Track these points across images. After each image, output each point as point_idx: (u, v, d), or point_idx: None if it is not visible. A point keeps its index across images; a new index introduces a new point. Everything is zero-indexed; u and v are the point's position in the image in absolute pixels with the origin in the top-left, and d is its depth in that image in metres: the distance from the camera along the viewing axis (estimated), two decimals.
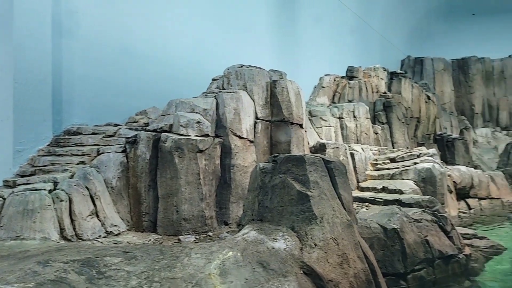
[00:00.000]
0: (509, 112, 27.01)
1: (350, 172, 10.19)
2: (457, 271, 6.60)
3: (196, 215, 5.75)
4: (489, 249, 8.43)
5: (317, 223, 4.06)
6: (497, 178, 16.32)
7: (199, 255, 3.56)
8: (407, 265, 5.80)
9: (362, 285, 3.90)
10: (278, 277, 3.39)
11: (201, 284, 3.05)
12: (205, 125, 6.20)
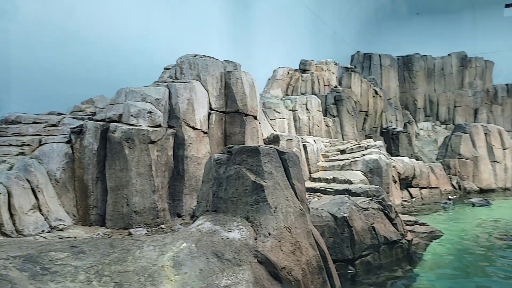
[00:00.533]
0: (447, 107, 29.01)
1: (303, 163, 10.44)
2: (400, 255, 7.02)
3: (148, 208, 5.60)
4: (429, 235, 9.05)
5: (271, 212, 4.11)
6: (436, 169, 17.53)
7: (151, 247, 3.47)
8: (355, 251, 6.07)
9: (313, 271, 4.02)
10: (232, 267, 3.39)
11: (154, 276, 2.97)
12: (157, 115, 6.02)
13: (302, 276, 3.84)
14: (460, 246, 7.87)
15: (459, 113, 28.93)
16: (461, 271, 6.17)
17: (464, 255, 7.15)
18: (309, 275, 3.95)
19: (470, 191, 18.46)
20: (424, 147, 27.02)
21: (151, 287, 2.85)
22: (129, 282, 2.82)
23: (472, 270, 6.26)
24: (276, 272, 3.67)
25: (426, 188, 16.57)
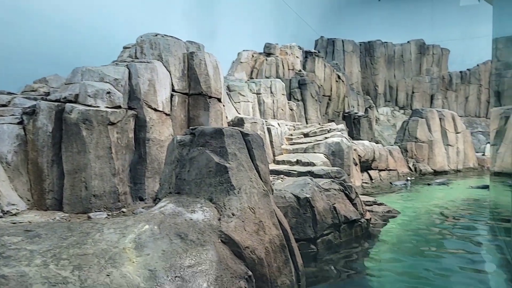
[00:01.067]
0: (406, 93, 30.14)
1: (267, 146, 10.51)
2: (359, 234, 7.31)
3: (108, 191, 5.43)
4: (386, 214, 9.47)
5: (235, 193, 4.11)
6: (394, 152, 18.27)
7: (112, 230, 3.38)
8: (317, 230, 6.24)
9: (276, 250, 4.10)
10: (196, 247, 3.38)
11: (115, 258, 2.90)
12: (116, 96, 5.79)
13: (265, 255, 3.91)
14: (415, 225, 8.30)
15: (417, 98, 30.18)
16: (415, 248, 6.52)
17: (418, 233, 7.56)
18: (272, 253, 4.03)
19: (425, 173, 19.45)
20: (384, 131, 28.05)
21: (112, 269, 2.78)
22: (88, 265, 2.74)
23: (425, 247, 6.63)
24: (240, 251, 3.70)
25: (384, 170, 17.26)
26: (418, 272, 5.29)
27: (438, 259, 5.86)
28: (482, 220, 8.56)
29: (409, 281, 4.97)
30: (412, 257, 5.99)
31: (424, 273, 5.23)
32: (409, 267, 5.49)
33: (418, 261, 5.80)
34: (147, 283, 2.83)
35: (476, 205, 10.62)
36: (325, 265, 5.67)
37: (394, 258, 5.96)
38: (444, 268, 5.43)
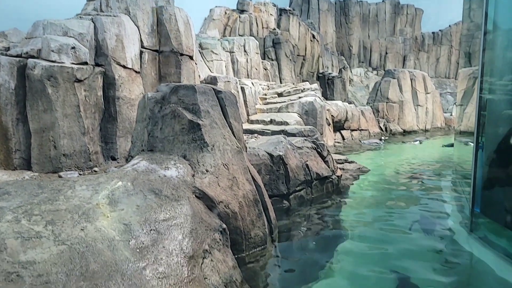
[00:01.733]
0: (380, 53, 30.32)
1: (241, 105, 10.47)
2: (330, 190, 7.58)
3: (78, 150, 5.32)
4: (356, 171, 9.82)
5: (208, 150, 4.13)
6: (367, 112, 18.63)
7: (84, 187, 3.35)
8: (290, 186, 6.43)
9: (250, 204, 4.21)
10: (170, 202, 3.42)
11: (88, 214, 2.91)
12: (82, 52, 5.53)
13: (239, 209, 4.01)
14: (383, 181, 8.68)
15: (390, 59, 30.47)
16: (382, 202, 6.85)
17: (386, 188, 7.92)
18: (246, 207, 4.14)
19: (395, 132, 20.07)
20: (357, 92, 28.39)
21: (86, 223, 2.79)
22: (62, 220, 2.73)
23: (391, 201, 6.98)
24: (214, 205, 3.78)
25: (356, 130, 17.67)
26: (384, 223, 5.60)
27: (403, 212, 6.20)
28: (447, 176, 9.03)
29: (375, 232, 5.25)
30: (378, 210, 6.31)
31: (390, 225, 5.55)
32: (376, 220, 5.79)
33: (384, 213, 6.12)
34: (123, 236, 2.87)
35: (444, 162, 11.14)
36: (297, 219, 5.90)
37: (362, 212, 6.26)
38: (408, 220, 5.77)
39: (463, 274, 3.99)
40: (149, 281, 2.66)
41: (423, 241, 4.82)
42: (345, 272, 3.96)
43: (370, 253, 4.41)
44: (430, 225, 5.52)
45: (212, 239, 3.47)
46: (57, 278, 2.30)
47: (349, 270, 3.99)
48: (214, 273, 3.25)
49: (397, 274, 3.86)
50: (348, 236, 5.06)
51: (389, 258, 4.27)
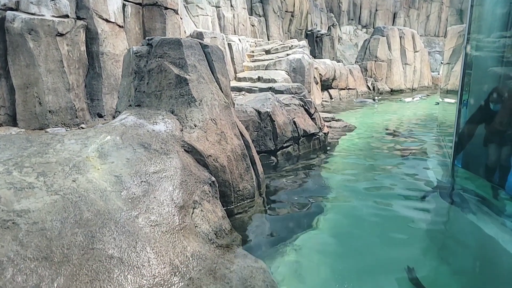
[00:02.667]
0: (369, 10, 29.71)
1: (228, 63, 10.32)
2: (317, 146, 7.73)
3: (64, 107, 5.27)
4: (343, 129, 9.98)
5: (196, 105, 4.15)
6: (355, 71, 18.58)
7: (73, 141, 3.38)
8: (277, 143, 6.54)
9: (238, 158, 4.30)
10: (160, 156, 3.48)
11: (79, 166, 2.95)
12: (62, 4, 5.32)
13: (227, 163, 4.11)
14: (369, 138, 8.86)
15: (380, 17, 29.93)
16: (366, 158, 7.05)
17: (371, 145, 8.11)
18: (234, 161, 4.23)
19: (383, 91, 20.17)
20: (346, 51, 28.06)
21: (78, 175, 2.85)
22: (53, 172, 2.78)
23: (377, 156, 7.18)
24: (203, 159, 3.86)
25: (344, 89, 17.70)
26: (368, 178, 5.80)
27: (387, 167, 6.41)
28: (432, 133, 9.25)
29: (360, 187, 5.44)
30: (363, 166, 6.51)
31: (374, 180, 5.75)
32: (361, 175, 5.99)
33: (369, 169, 6.32)
34: (114, 187, 2.94)
35: (431, 120, 11.32)
36: (284, 174, 6.06)
37: (348, 168, 6.45)
38: (391, 175, 5.98)
39: (443, 225, 4.22)
40: (141, 228, 2.77)
41: (406, 193, 5.04)
42: (330, 225, 4.14)
43: (354, 208, 4.59)
44: (412, 178, 5.74)
45: (202, 191, 3.57)
46: (52, 225, 2.38)
47: (334, 224, 4.17)
48: (204, 222, 3.39)
49: (381, 228, 4.05)
50: (334, 191, 5.24)
51: (374, 211, 4.47)
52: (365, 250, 3.49)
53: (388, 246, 3.54)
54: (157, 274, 2.55)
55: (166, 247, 2.77)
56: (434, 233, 3.91)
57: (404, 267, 3.08)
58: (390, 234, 3.83)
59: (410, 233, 3.86)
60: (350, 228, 4.02)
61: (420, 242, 3.68)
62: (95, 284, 2.27)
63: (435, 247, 3.58)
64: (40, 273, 2.14)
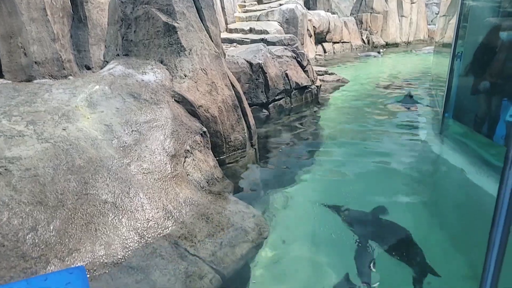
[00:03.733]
0: None
1: (219, 13, 9.98)
2: (309, 99, 7.71)
3: (50, 58, 5.10)
4: (336, 82, 9.91)
5: (185, 55, 4.06)
6: (349, 23, 18.10)
7: (61, 90, 3.33)
8: (269, 95, 6.51)
9: (229, 109, 4.30)
10: (150, 106, 3.46)
11: (68, 115, 2.94)
12: None
13: (219, 113, 4.11)
14: (362, 92, 8.83)
15: None
16: (359, 111, 7.07)
17: (364, 99, 8.11)
18: (225, 112, 4.23)
19: (377, 45, 19.80)
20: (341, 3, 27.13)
21: (67, 124, 2.84)
22: (42, 120, 2.77)
23: (368, 109, 7.20)
24: (194, 109, 3.85)
25: (338, 42, 17.34)
26: (360, 131, 5.86)
27: (379, 119, 6.45)
28: (426, 86, 9.21)
29: (352, 140, 5.50)
30: (355, 119, 6.55)
31: (365, 132, 5.81)
32: (353, 128, 6.04)
33: (360, 122, 6.36)
34: (105, 135, 2.95)
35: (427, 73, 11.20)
36: (276, 127, 6.09)
37: (340, 120, 6.48)
38: (383, 127, 6.04)
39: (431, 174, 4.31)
40: (134, 175, 2.82)
41: (395, 145, 5.12)
42: (321, 177, 4.21)
43: (345, 160, 4.65)
44: (402, 129, 5.81)
45: (193, 140, 3.60)
46: (44, 172, 2.41)
47: (325, 175, 4.23)
48: (196, 170, 3.45)
49: (370, 179, 4.10)
50: (326, 144, 5.31)
51: (364, 163, 4.54)
52: (353, 201, 3.58)
53: (377, 196, 3.62)
54: (151, 218, 2.63)
55: (158, 193, 2.84)
56: (422, 183, 4.01)
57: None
58: (379, 184, 3.90)
59: (399, 183, 3.94)
60: (340, 180, 4.08)
61: (407, 191, 3.79)
62: (90, 227, 2.34)
63: (422, 197, 3.70)
64: (36, 217, 2.20)
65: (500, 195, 0.88)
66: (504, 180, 0.87)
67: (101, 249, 2.28)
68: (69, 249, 2.17)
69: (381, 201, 3.47)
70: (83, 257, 2.18)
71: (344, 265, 2.57)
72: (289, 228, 3.12)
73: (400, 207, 3.39)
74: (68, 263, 2.10)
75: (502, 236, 0.88)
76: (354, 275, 2.41)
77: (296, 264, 2.62)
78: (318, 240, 2.97)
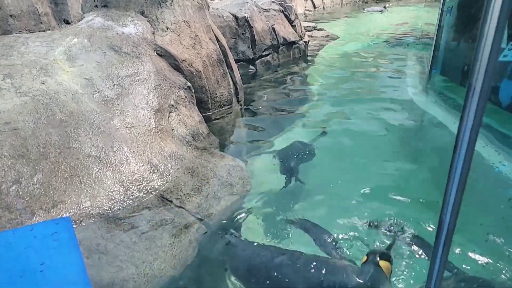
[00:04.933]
0: None
1: None
2: (297, 55, 7.59)
3: (26, 11, 4.88)
4: (325, 38, 9.72)
5: (167, 6, 3.91)
6: None
7: (38, 43, 3.20)
8: (256, 51, 6.38)
9: (214, 64, 4.22)
10: (132, 59, 3.37)
11: (47, 69, 2.85)
12: None
13: (203, 68, 4.03)
14: (351, 48, 8.71)
15: None
16: (346, 68, 7.00)
17: (352, 55, 8.01)
18: (210, 67, 4.16)
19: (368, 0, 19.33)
20: None
21: (46, 77, 2.76)
22: (19, 74, 2.69)
23: (355, 67, 7.14)
24: (177, 64, 3.77)
25: None
26: (347, 88, 5.83)
27: (366, 76, 6.42)
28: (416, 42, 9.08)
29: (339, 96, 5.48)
30: (343, 76, 6.50)
31: (353, 89, 5.80)
32: (340, 85, 5.99)
33: (348, 79, 6.32)
34: (86, 89, 2.89)
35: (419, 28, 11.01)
36: (263, 83, 6.03)
37: (327, 77, 6.42)
38: (371, 84, 6.02)
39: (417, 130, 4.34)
40: (117, 129, 2.80)
41: (382, 100, 5.12)
42: (307, 133, 4.18)
43: (331, 117, 4.64)
44: (390, 85, 5.81)
45: (178, 95, 3.56)
46: (25, 126, 2.38)
47: (310, 132, 4.20)
48: (181, 125, 3.44)
49: (357, 134, 4.10)
50: (313, 101, 5.28)
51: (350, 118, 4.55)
52: (337, 157, 3.60)
53: (363, 152, 3.64)
54: (136, 171, 2.65)
55: (143, 147, 2.84)
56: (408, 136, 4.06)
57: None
58: (365, 141, 3.88)
59: (385, 139, 3.96)
60: (326, 136, 4.09)
61: (393, 144, 3.84)
62: (74, 180, 2.35)
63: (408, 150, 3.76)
64: (19, 170, 2.19)
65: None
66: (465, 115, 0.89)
67: (86, 200, 2.31)
68: (54, 201, 2.19)
69: (366, 157, 3.51)
70: (69, 209, 2.21)
71: (325, 217, 2.65)
72: (272, 182, 3.17)
73: (386, 161, 3.44)
74: (53, 214, 2.12)
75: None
76: (333, 226, 2.50)
77: (278, 216, 2.69)
78: (301, 192, 3.03)
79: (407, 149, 3.76)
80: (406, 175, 3.21)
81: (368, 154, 3.59)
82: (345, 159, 3.52)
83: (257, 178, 3.19)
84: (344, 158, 3.56)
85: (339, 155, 3.63)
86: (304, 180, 3.12)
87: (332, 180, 3.11)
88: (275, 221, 2.63)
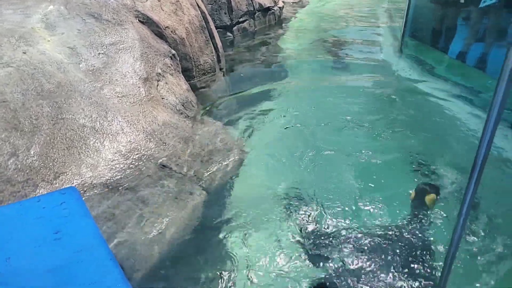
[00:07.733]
0: None
1: None
2: (273, 22, 7.50)
3: None
4: (297, 3, 9.63)
5: None
6: None
7: (11, 11, 3.00)
8: (233, 17, 6.24)
9: (196, 31, 4.11)
10: (114, 27, 3.23)
11: (26, 38, 2.69)
12: None
13: (186, 35, 3.93)
14: (322, 13, 8.68)
15: None
16: (320, 33, 6.98)
17: (324, 20, 7.99)
18: (193, 34, 4.05)
19: None
20: None
21: (27, 47, 2.61)
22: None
23: (328, 32, 7.14)
24: (160, 31, 3.65)
25: None
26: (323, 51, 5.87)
27: (340, 42, 6.45)
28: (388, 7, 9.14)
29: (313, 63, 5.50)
30: (318, 39, 6.50)
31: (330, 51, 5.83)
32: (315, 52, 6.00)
33: (324, 42, 6.34)
34: (71, 59, 2.77)
35: None
36: (241, 50, 5.95)
37: (303, 42, 6.41)
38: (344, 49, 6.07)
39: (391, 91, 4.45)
40: (109, 99, 2.72)
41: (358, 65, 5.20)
42: (287, 98, 4.16)
43: (309, 81, 4.68)
44: (365, 49, 5.89)
45: (163, 63, 3.47)
46: (13, 97, 2.27)
47: (290, 96, 4.21)
48: (171, 94, 3.38)
49: (333, 96, 4.16)
50: (291, 66, 5.27)
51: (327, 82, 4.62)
52: (315, 117, 3.63)
53: (339, 113, 3.69)
54: (133, 140, 2.61)
55: (137, 117, 2.79)
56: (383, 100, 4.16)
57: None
58: (340, 104, 3.93)
59: (361, 100, 4.03)
60: (304, 98, 4.11)
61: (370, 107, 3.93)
62: (73, 151, 2.30)
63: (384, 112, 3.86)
64: (13, 142, 2.11)
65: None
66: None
67: (87, 171, 2.27)
68: (55, 172, 2.14)
69: (342, 118, 3.56)
70: (71, 179, 2.17)
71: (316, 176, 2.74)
72: (267, 145, 3.21)
73: (360, 124, 3.51)
74: (57, 185, 2.08)
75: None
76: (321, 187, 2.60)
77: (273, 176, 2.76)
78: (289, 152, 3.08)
79: (382, 113, 3.84)
80: (380, 141, 3.29)
81: (343, 116, 3.60)
82: (319, 119, 3.54)
83: (249, 142, 3.22)
84: (319, 118, 3.57)
85: (314, 116, 3.63)
86: (294, 139, 3.18)
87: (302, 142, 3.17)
88: (272, 178, 2.70)
